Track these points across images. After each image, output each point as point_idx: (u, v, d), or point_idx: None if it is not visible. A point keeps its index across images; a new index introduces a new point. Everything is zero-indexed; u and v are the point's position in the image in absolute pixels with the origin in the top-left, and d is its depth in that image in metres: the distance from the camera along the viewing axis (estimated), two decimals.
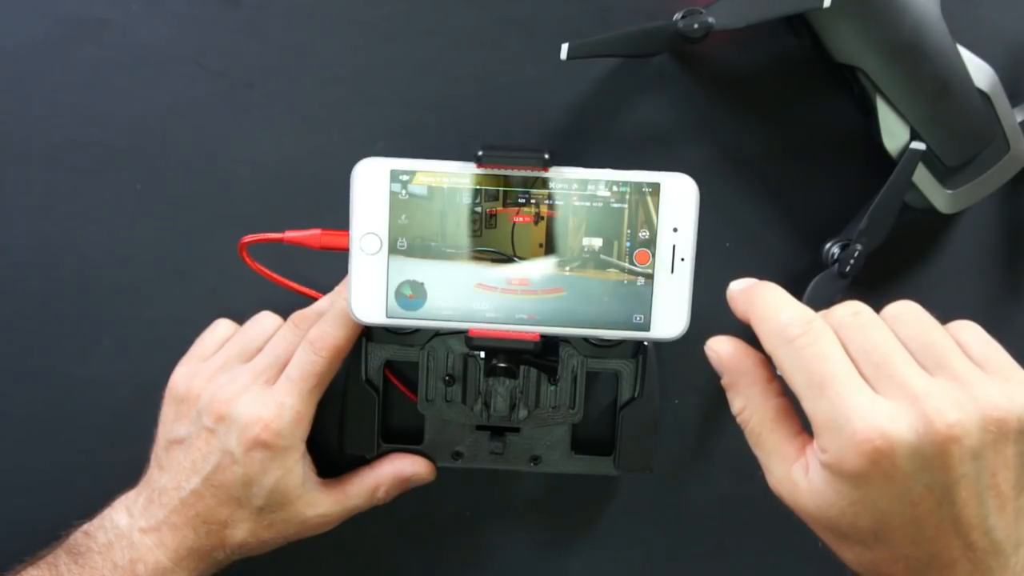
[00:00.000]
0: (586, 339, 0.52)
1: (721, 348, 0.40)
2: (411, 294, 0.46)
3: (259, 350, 0.50)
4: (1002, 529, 0.35)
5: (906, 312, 0.37)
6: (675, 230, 0.45)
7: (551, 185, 0.45)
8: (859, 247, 0.49)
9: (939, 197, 0.50)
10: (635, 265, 0.46)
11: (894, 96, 0.48)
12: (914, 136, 0.48)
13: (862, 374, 0.35)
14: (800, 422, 0.38)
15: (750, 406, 0.39)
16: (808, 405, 0.35)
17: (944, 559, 0.35)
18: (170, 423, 0.50)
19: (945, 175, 0.50)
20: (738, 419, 0.39)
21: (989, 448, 0.34)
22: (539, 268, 0.46)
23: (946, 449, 0.34)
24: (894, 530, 0.35)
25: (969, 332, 0.38)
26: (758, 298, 0.39)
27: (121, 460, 0.51)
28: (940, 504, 0.34)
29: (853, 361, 0.36)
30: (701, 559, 0.56)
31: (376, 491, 0.52)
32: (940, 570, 0.35)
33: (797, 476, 0.37)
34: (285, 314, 0.51)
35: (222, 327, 0.53)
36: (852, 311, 0.37)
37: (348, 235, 0.46)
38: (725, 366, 0.40)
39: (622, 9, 0.51)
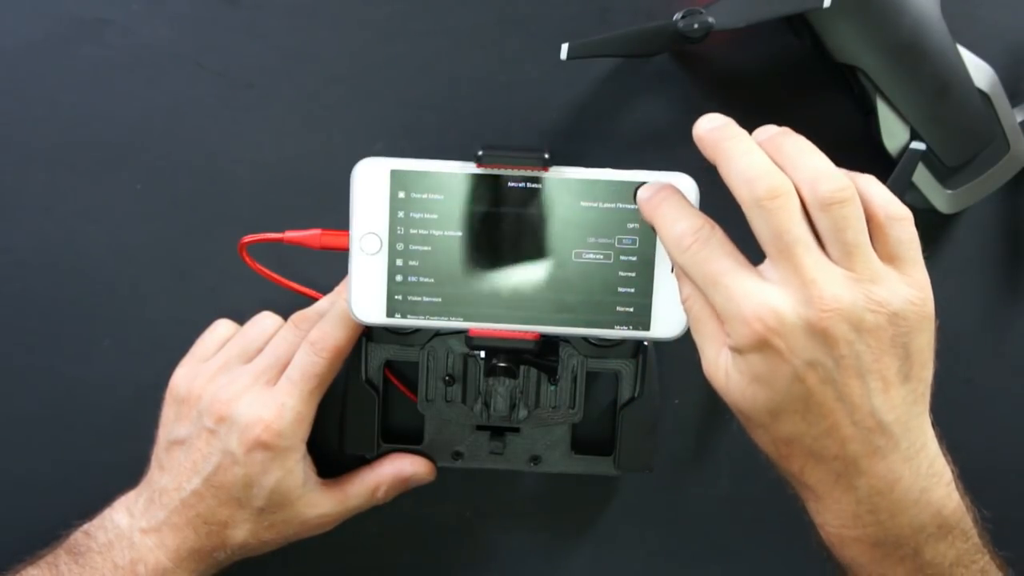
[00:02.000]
0: (586, 339, 0.52)
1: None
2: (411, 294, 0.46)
3: (259, 351, 0.50)
4: (888, 411, 0.38)
5: (837, 191, 0.38)
6: None
7: (551, 185, 0.45)
8: None
9: (939, 197, 0.50)
10: (635, 265, 0.46)
11: (894, 96, 0.48)
12: (914, 136, 0.48)
13: (768, 255, 0.38)
14: None
15: (694, 295, 0.40)
16: (711, 302, 0.39)
17: (835, 435, 0.38)
18: (171, 424, 0.50)
19: (945, 175, 0.50)
20: (684, 306, 0.41)
21: (869, 332, 0.37)
22: (539, 268, 0.46)
23: (827, 328, 0.36)
24: (786, 406, 0.38)
25: (897, 224, 0.39)
26: (658, 210, 0.41)
27: (121, 460, 0.51)
28: (824, 382, 0.37)
29: (763, 243, 0.38)
30: (701, 559, 0.56)
31: (376, 491, 0.52)
32: (832, 445, 0.38)
33: (721, 360, 0.39)
34: (285, 314, 0.51)
35: (222, 327, 0.53)
36: (770, 189, 0.37)
37: (348, 235, 0.46)
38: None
39: (622, 9, 0.51)
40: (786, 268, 0.37)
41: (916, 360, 0.38)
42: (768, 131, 0.40)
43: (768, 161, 0.38)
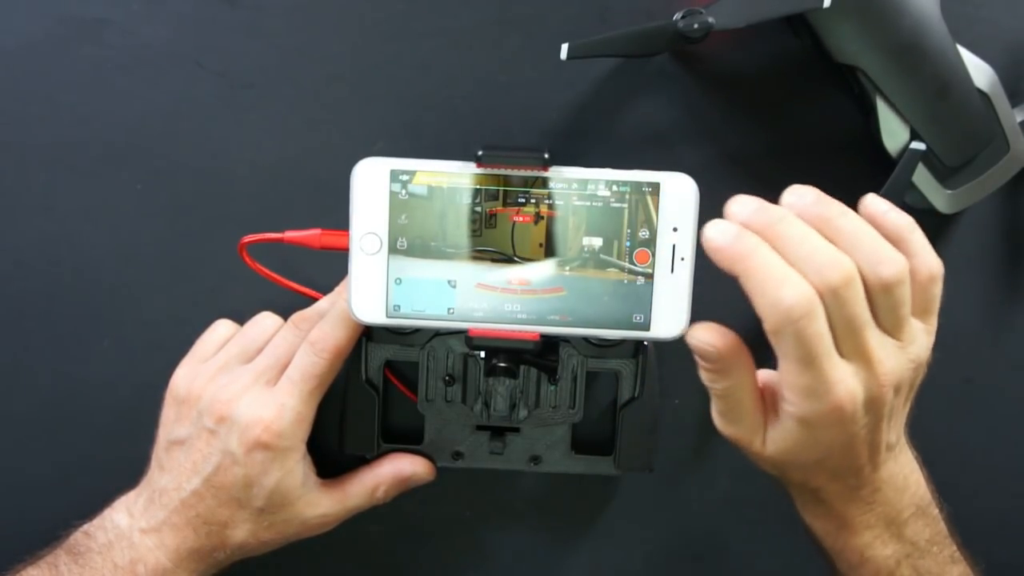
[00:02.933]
0: (586, 339, 0.52)
1: (715, 339, 0.41)
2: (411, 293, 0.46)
3: (260, 351, 0.50)
4: (894, 434, 0.43)
5: (898, 274, 0.39)
6: (675, 230, 0.45)
7: (551, 185, 0.45)
8: None
9: (939, 197, 0.50)
10: (635, 265, 0.46)
11: (894, 96, 0.48)
12: (914, 136, 0.48)
13: (835, 339, 0.39)
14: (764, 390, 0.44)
15: (737, 387, 0.42)
16: (792, 373, 0.39)
17: (856, 465, 0.43)
18: (171, 424, 0.50)
19: (945, 175, 0.50)
20: (718, 397, 0.43)
21: (904, 386, 0.42)
22: (539, 268, 0.46)
23: (882, 396, 0.40)
24: (831, 458, 0.42)
25: (936, 283, 0.42)
26: (754, 266, 0.38)
27: (121, 460, 0.51)
28: (868, 433, 0.41)
29: (833, 325, 0.39)
30: (701, 559, 0.56)
31: (376, 491, 0.52)
32: (854, 473, 0.43)
33: (760, 432, 0.43)
34: (285, 314, 0.51)
35: (222, 327, 0.53)
36: (844, 277, 0.38)
37: (348, 235, 0.46)
38: (721, 356, 0.41)
39: (622, 9, 0.51)
40: (858, 351, 0.39)
41: (916, 387, 0.43)
42: (805, 201, 0.40)
43: (830, 245, 0.39)
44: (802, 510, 0.46)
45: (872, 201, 0.42)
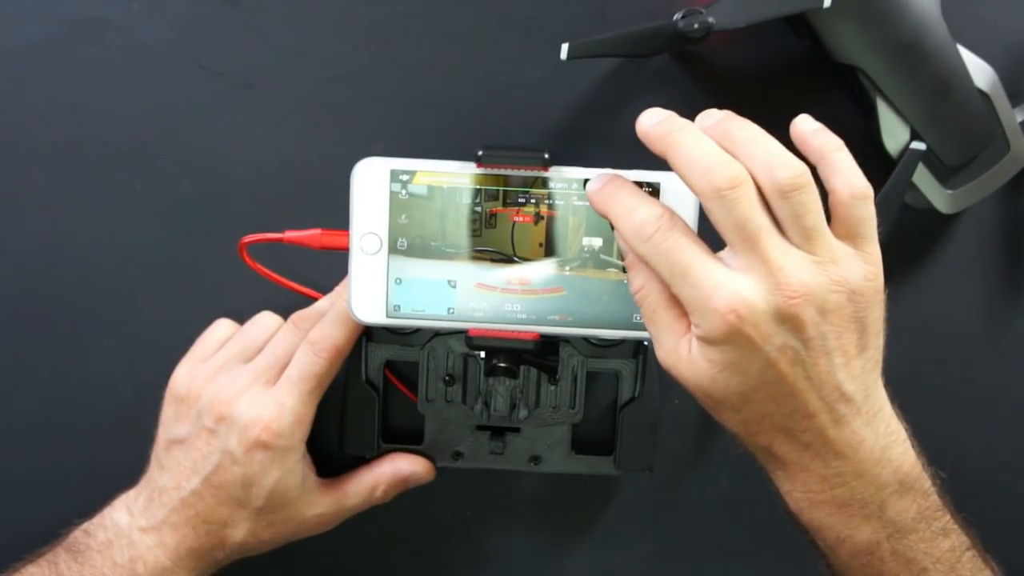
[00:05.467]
0: (586, 339, 0.52)
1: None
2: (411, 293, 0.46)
3: (259, 350, 0.50)
4: (850, 382, 0.40)
5: (794, 178, 0.38)
6: None
7: (551, 185, 0.45)
8: None
9: (939, 197, 0.50)
10: None
11: (894, 96, 0.48)
12: (914, 136, 0.48)
13: (730, 243, 0.38)
14: None
15: (648, 285, 0.40)
16: (676, 291, 0.39)
17: (804, 411, 0.40)
18: (170, 423, 0.50)
19: (945, 175, 0.50)
20: (635, 296, 0.41)
21: (832, 312, 0.38)
22: (539, 268, 0.46)
23: (796, 313, 0.38)
24: (757, 390, 0.39)
25: (860, 203, 0.40)
26: (612, 200, 0.41)
27: (121, 460, 0.51)
28: (794, 363, 0.39)
29: (723, 231, 0.38)
30: (701, 559, 0.56)
31: (375, 491, 0.52)
32: (801, 420, 0.40)
33: (682, 349, 0.40)
34: (285, 314, 0.51)
35: (222, 327, 0.53)
36: (729, 179, 0.38)
37: (348, 235, 0.46)
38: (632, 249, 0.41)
39: (622, 9, 0.51)
40: (751, 256, 0.38)
41: (871, 331, 0.40)
42: (713, 116, 0.40)
43: (720, 150, 0.38)
44: (774, 483, 0.43)
45: (801, 120, 0.41)
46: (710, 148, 0.38)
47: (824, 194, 0.39)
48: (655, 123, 0.40)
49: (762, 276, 0.38)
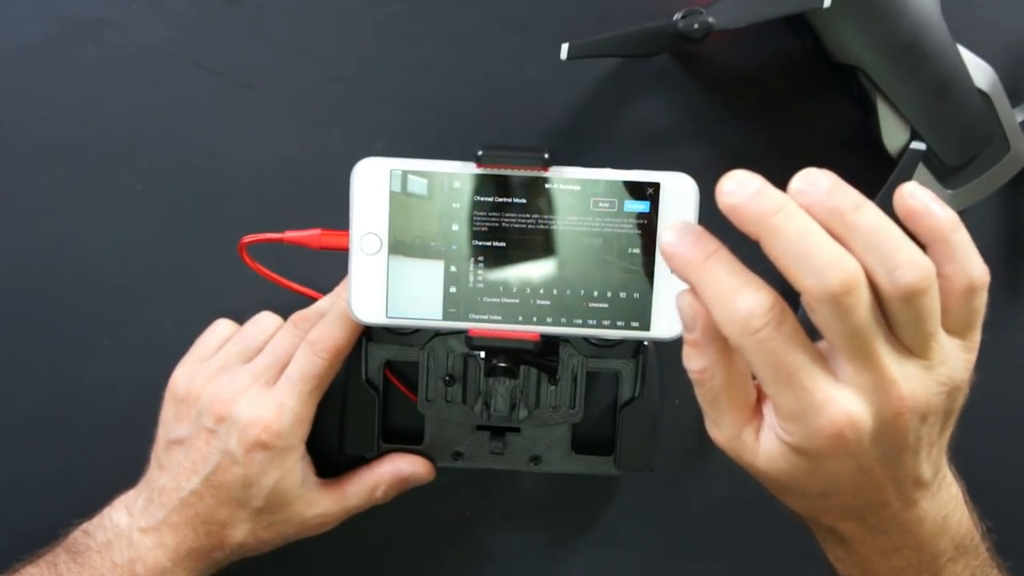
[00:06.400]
0: (586, 339, 0.52)
1: (698, 306, 0.35)
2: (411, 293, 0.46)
3: (259, 350, 0.50)
4: (927, 468, 0.37)
5: (920, 281, 0.33)
6: None
7: (551, 185, 0.45)
8: None
9: (939, 197, 0.50)
10: (635, 265, 0.46)
11: (894, 96, 0.48)
12: (914, 136, 0.48)
13: (837, 349, 0.34)
14: (755, 389, 0.38)
15: (714, 369, 0.36)
16: (771, 392, 0.35)
17: (880, 502, 0.37)
18: (170, 423, 0.50)
19: (945, 175, 0.50)
20: (694, 377, 0.37)
21: (933, 414, 0.36)
22: (539, 268, 0.46)
23: (902, 425, 0.35)
24: (841, 490, 0.37)
25: (979, 294, 0.36)
26: (705, 272, 0.34)
27: (121, 460, 0.51)
28: (886, 467, 0.36)
29: (830, 337, 0.34)
30: (701, 559, 0.56)
31: (375, 491, 0.52)
32: (875, 509, 0.38)
33: (747, 438, 0.37)
34: (285, 314, 0.51)
35: (222, 327, 0.53)
36: (845, 282, 0.32)
37: (348, 235, 0.46)
38: (699, 325, 0.36)
39: (622, 9, 0.51)
40: (863, 369, 0.34)
41: (955, 414, 0.38)
42: (817, 187, 0.33)
43: (832, 244, 0.33)
44: (824, 548, 0.42)
45: (911, 191, 0.35)
46: (820, 240, 0.33)
47: None
48: (748, 197, 0.33)
49: (872, 389, 0.34)
